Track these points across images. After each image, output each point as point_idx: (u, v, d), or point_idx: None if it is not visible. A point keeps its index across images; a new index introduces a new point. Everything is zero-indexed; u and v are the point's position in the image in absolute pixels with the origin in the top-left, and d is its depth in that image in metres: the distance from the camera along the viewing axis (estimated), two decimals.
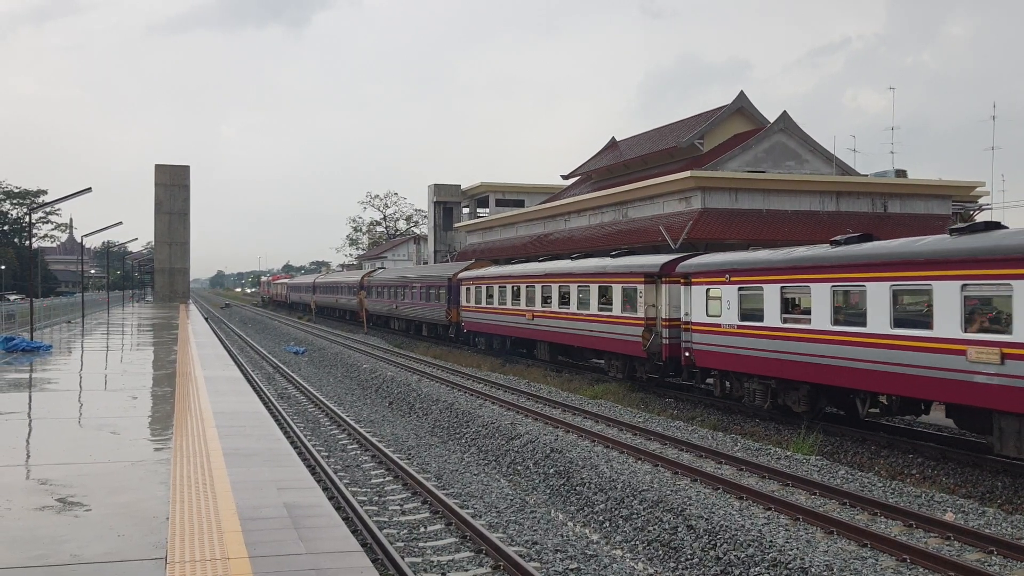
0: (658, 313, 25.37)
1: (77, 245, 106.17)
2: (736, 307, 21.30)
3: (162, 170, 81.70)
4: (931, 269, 15.77)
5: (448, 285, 44.60)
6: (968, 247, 15.18)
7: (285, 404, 27.20)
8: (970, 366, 14.84)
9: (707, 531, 12.53)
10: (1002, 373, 14.26)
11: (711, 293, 22.38)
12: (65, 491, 9.60)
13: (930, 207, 43.58)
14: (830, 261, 18.40)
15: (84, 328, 41.68)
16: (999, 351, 14.29)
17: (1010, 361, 14.09)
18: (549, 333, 32.58)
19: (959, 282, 15.08)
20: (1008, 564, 11.03)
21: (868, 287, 17.23)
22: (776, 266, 20.04)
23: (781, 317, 19.72)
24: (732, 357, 21.54)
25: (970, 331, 14.97)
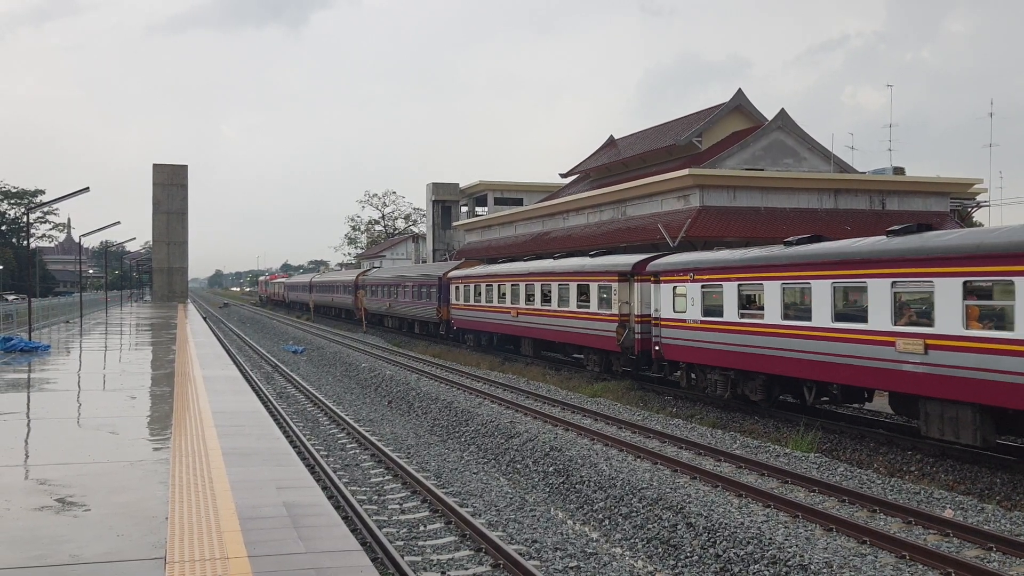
0: (631, 310, 26.96)
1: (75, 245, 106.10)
2: (699, 303, 22.75)
3: (160, 169, 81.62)
4: (866, 268, 17.21)
5: (438, 284, 45.89)
6: (898, 248, 16.65)
7: (284, 403, 27.20)
8: (899, 356, 16.36)
9: (706, 528, 12.53)
10: (926, 362, 15.83)
11: (677, 291, 23.87)
12: (64, 491, 9.59)
13: (928, 204, 43.60)
14: (781, 260, 19.79)
15: (82, 328, 41.66)
16: (923, 342, 15.82)
17: (932, 351, 15.63)
18: (533, 330, 34.11)
19: (890, 280, 16.63)
20: (1007, 560, 11.04)
21: (813, 284, 18.66)
22: (734, 265, 21.46)
23: (739, 313, 21.16)
24: (696, 350, 23.00)
25: (899, 324, 16.49)
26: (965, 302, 15.16)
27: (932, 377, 15.72)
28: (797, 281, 19.30)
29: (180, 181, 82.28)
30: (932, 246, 15.91)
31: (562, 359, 34.61)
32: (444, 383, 29.12)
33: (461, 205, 74.76)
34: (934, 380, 15.70)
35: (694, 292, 23.00)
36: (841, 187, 42.30)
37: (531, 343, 35.46)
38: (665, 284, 24.53)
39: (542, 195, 65.49)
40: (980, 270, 14.98)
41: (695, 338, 22.94)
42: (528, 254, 44.36)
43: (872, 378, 17.29)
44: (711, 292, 22.35)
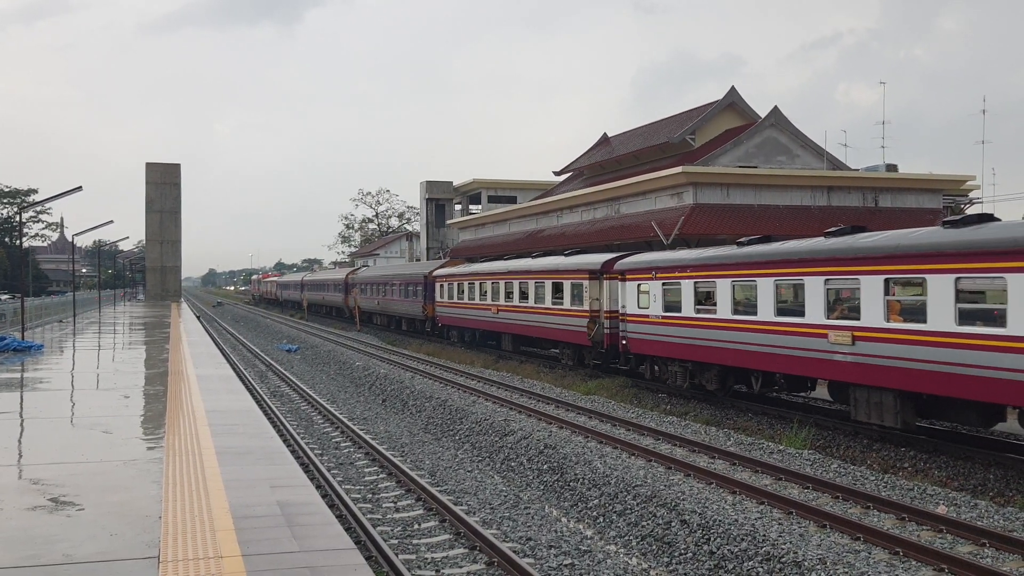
0: (601, 306, 28.40)
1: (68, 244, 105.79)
2: (660, 300, 24.22)
3: (153, 168, 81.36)
4: (804, 267, 18.76)
5: (424, 282, 47.32)
6: (830, 248, 18.17)
7: (278, 402, 27.17)
8: (831, 347, 17.88)
9: (701, 525, 12.55)
10: (853, 352, 17.35)
11: (641, 288, 25.34)
12: (57, 491, 9.57)
13: (921, 201, 43.69)
14: (731, 260, 21.31)
15: (76, 327, 41.55)
16: (851, 334, 17.31)
17: (859, 342, 17.17)
18: (512, 325, 35.63)
19: (823, 277, 18.19)
20: (1000, 556, 11.08)
21: (758, 282, 20.19)
22: (690, 264, 23.02)
23: (695, 308, 22.64)
24: (658, 344, 24.49)
25: (831, 318, 17.99)
26: (886, 297, 16.69)
27: (859, 366, 17.23)
28: (745, 279, 20.70)
29: (173, 180, 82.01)
30: (859, 246, 17.33)
31: (541, 354, 35.92)
32: (438, 381, 29.11)
33: (455, 203, 74.72)
34: (860, 369, 17.21)
35: (656, 289, 24.44)
36: (834, 184, 42.36)
37: (511, 339, 37.06)
38: (630, 282, 25.97)
39: (536, 193, 65.49)
40: (899, 268, 16.46)
41: (657, 332, 24.36)
42: (522, 252, 44.46)
43: (809, 368, 18.79)
44: (671, 289, 23.80)
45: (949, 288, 15.23)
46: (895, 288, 16.74)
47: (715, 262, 21.90)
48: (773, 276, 19.72)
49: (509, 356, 36.43)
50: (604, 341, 28.11)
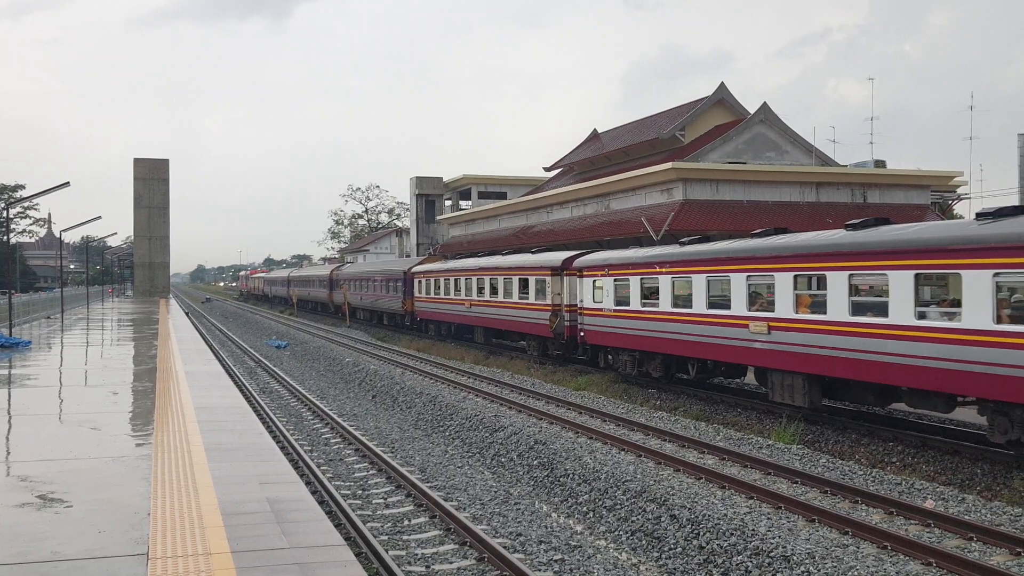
0: (562, 301, 30.42)
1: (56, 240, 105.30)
2: (612, 295, 26.26)
3: (141, 164, 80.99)
4: (730, 265, 20.77)
5: (403, 278, 49.26)
6: (751, 248, 20.24)
7: (267, 399, 27.12)
8: (752, 336, 19.94)
9: (690, 520, 12.59)
10: (769, 340, 19.40)
11: (596, 284, 27.40)
12: (45, 488, 9.53)
13: (909, 197, 43.85)
14: (671, 258, 23.31)
15: (64, 324, 41.38)
16: (767, 324, 19.40)
17: (774, 331, 19.26)
18: (483, 319, 37.72)
19: (745, 274, 20.21)
20: (987, 550, 11.14)
21: (693, 278, 22.25)
22: (637, 262, 25.01)
23: (641, 303, 24.59)
24: (610, 335, 26.45)
25: (752, 310, 20.10)
26: (795, 292, 18.85)
27: (774, 352, 19.38)
28: (683, 275, 22.73)
29: (161, 175, 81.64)
30: (773, 246, 19.53)
31: (511, 345, 37.87)
32: (428, 377, 29.10)
33: (445, 199, 74.66)
34: (776, 355, 19.36)
35: (608, 285, 26.54)
36: (823, 180, 42.48)
37: (482, 331, 39.28)
38: (587, 278, 28.09)
39: (526, 189, 65.50)
40: (805, 266, 18.65)
41: (609, 324, 26.40)
42: (512, 248, 44.58)
43: (735, 355, 20.87)
44: (621, 285, 25.86)
45: (844, 283, 17.36)
46: (803, 282, 18.92)
47: (658, 260, 23.95)
48: (705, 273, 21.80)
49: (499, 352, 36.46)
50: (565, 333, 30.13)
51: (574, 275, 29.38)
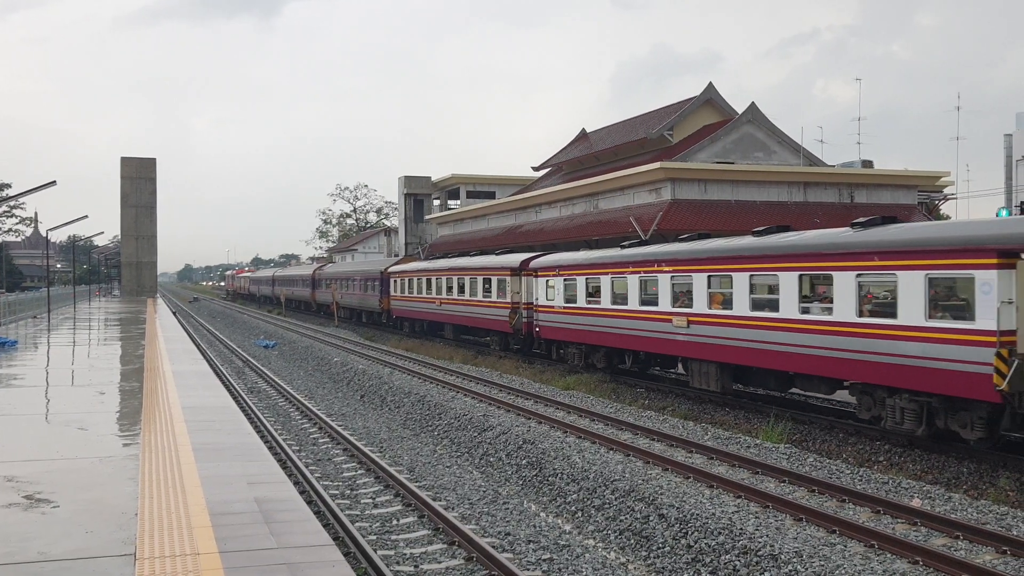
0: (520, 299, 32.76)
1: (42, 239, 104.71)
2: (562, 293, 28.81)
3: (128, 163, 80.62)
4: (658, 266, 23.35)
5: (380, 278, 51.47)
6: (674, 251, 23.00)
7: (255, 398, 27.05)
8: (675, 329, 22.45)
9: (678, 520, 12.62)
10: (689, 333, 21.93)
11: (549, 283, 29.88)
12: (32, 488, 9.48)
13: (896, 197, 44.03)
14: (610, 260, 26.03)
15: (50, 323, 41.18)
16: (687, 319, 21.92)
17: (692, 325, 21.75)
18: (453, 316, 39.98)
19: (670, 275, 22.76)
20: (973, 548, 11.20)
21: (628, 278, 24.77)
22: (583, 263, 27.77)
23: (586, 300, 27.17)
24: (561, 330, 29.18)
25: (675, 307, 22.51)
26: (709, 290, 21.25)
27: (693, 344, 21.87)
28: (620, 276, 25.25)
29: (149, 175, 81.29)
30: (691, 250, 22.19)
31: (479, 340, 39.61)
32: (417, 377, 29.08)
33: (433, 198, 74.57)
34: (694, 346, 21.86)
35: (559, 285, 29.04)
36: (810, 180, 42.62)
37: (452, 328, 41.77)
38: (541, 278, 30.64)
39: (515, 188, 65.49)
40: (716, 268, 21.10)
41: (560, 320, 29.10)
42: (500, 247, 44.66)
43: (662, 347, 23.44)
44: (569, 284, 28.38)
45: (746, 283, 19.90)
46: (715, 282, 21.18)
47: (600, 262, 26.66)
48: (638, 274, 24.38)
49: (487, 352, 36.47)
50: (523, 328, 32.59)
51: (531, 275, 31.84)
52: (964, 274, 14.91)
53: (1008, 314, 14.16)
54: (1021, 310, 14.22)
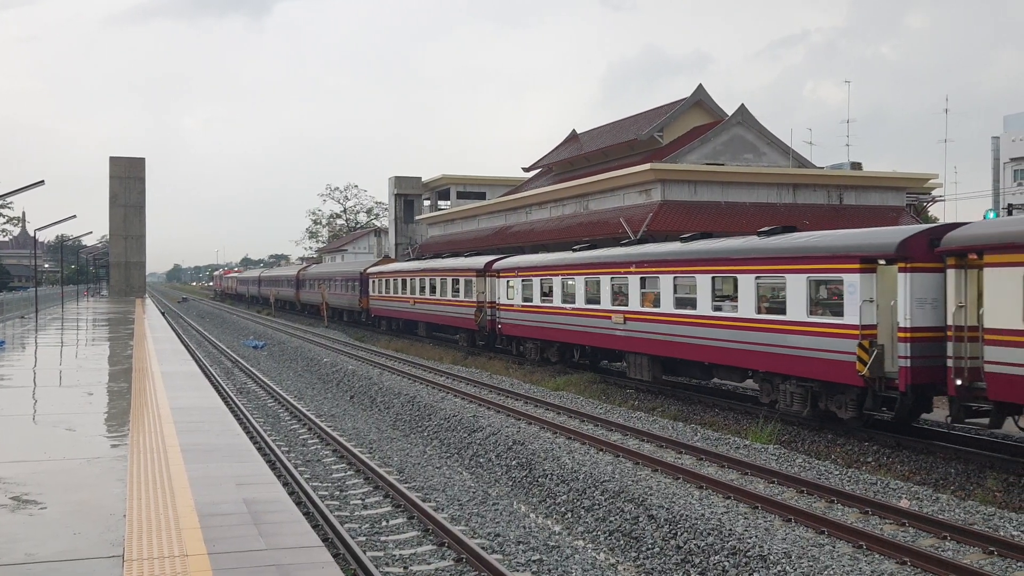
0: (485, 298, 34.84)
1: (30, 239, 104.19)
2: (520, 293, 31.32)
3: (117, 162, 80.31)
4: (601, 269, 25.86)
5: (360, 278, 53.43)
6: (613, 255, 25.62)
7: (244, 399, 26.98)
8: (614, 325, 24.89)
9: (668, 520, 12.64)
10: (626, 329, 24.35)
11: (509, 284, 32.34)
12: (19, 489, 9.44)
13: (885, 199, 44.21)
14: (561, 262, 28.75)
15: (38, 323, 41.00)
16: (624, 316, 24.33)
17: (629, 322, 24.15)
18: (425, 315, 42.27)
19: (610, 276, 25.30)
20: (961, 549, 11.25)
21: (576, 279, 27.47)
22: (539, 266, 30.40)
23: (541, 299, 29.70)
24: (519, 327, 31.74)
25: (614, 305, 24.93)
26: (642, 290, 23.60)
27: (629, 338, 24.30)
28: (569, 277, 27.92)
29: (138, 174, 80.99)
30: (627, 253, 24.81)
31: (450, 338, 41.72)
32: (406, 377, 29.05)
33: (424, 199, 74.54)
34: (630, 340, 24.27)
35: (518, 285, 31.52)
36: (800, 182, 42.75)
37: (424, 325, 44.01)
38: (502, 279, 32.99)
39: (505, 189, 65.50)
40: (646, 270, 23.49)
41: (519, 318, 31.59)
42: (491, 248, 44.75)
43: (603, 341, 25.90)
44: (527, 285, 30.89)
45: (671, 284, 22.31)
46: (646, 283, 23.49)
47: (552, 264, 29.32)
48: (584, 275, 26.91)
49: (478, 353, 36.49)
50: (487, 326, 34.71)
51: (494, 276, 34.05)
52: (835, 277, 17.32)
53: (869, 311, 16.46)
54: (880, 307, 16.46)
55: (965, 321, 14.90)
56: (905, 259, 15.96)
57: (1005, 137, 76.77)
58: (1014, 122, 77.21)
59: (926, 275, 15.84)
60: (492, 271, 34.14)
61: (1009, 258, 14.01)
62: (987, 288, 14.43)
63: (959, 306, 15.00)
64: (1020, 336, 13.73)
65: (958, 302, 15.02)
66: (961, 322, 14.95)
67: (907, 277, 15.89)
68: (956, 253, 15.11)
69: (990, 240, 14.54)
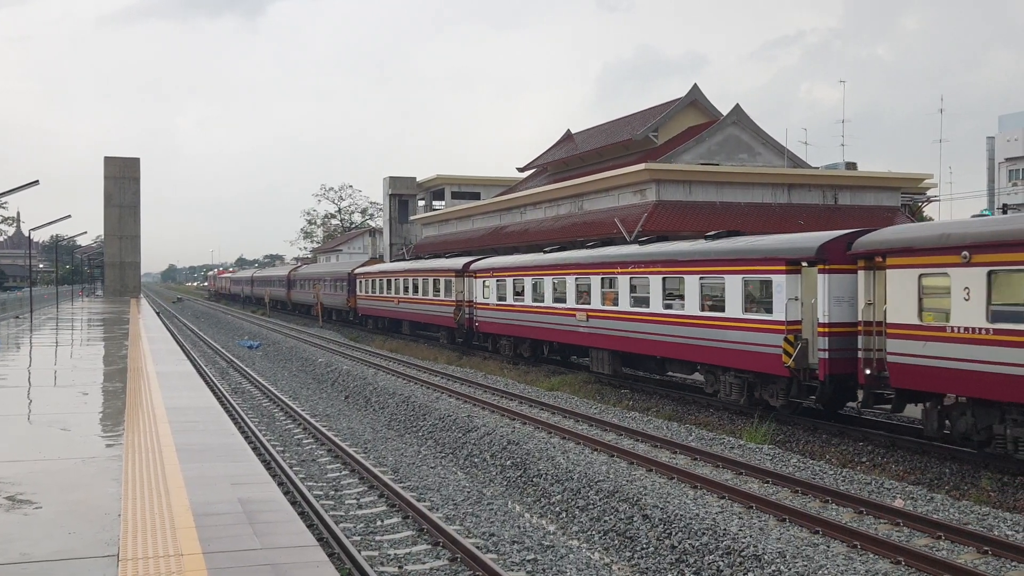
0: (463, 297, 36.57)
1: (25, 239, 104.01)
2: (495, 293, 33.41)
3: (112, 162, 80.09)
4: (566, 270, 28.00)
5: (348, 278, 55.45)
6: (578, 257, 27.67)
7: (239, 399, 26.95)
8: (578, 322, 26.90)
9: (662, 520, 12.65)
10: (589, 326, 26.28)
11: (485, 284, 34.29)
12: (14, 489, 9.42)
13: (880, 199, 44.27)
14: (532, 264, 30.71)
15: (32, 323, 40.91)
16: (587, 314, 26.36)
17: (591, 319, 26.10)
18: (408, 313, 44.22)
19: (575, 276, 27.32)
20: (955, 548, 11.28)
21: (544, 280, 29.36)
22: (511, 266, 32.46)
23: (513, 298, 31.65)
24: (494, 324, 33.64)
25: (579, 304, 26.98)
26: (603, 290, 25.48)
27: (592, 335, 26.19)
28: (539, 277, 29.76)
29: (132, 174, 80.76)
30: (590, 255, 26.87)
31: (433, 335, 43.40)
32: (401, 377, 29.04)
33: (418, 199, 74.47)
34: (592, 336, 26.21)
35: (493, 285, 33.54)
36: (795, 182, 42.79)
37: (408, 324, 46.10)
38: (479, 279, 34.89)
39: (500, 189, 65.46)
40: (607, 271, 25.44)
41: (494, 316, 33.56)
42: (485, 248, 44.81)
43: (569, 337, 27.82)
44: (501, 285, 32.85)
45: (627, 284, 24.15)
46: (606, 283, 25.34)
47: (524, 266, 31.24)
48: (551, 276, 28.89)
49: (472, 353, 36.50)
50: (465, 324, 36.52)
51: (471, 277, 35.82)
52: (766, 278, 19.05)
53: (794, 308, 18.28)
54: (804, 305, 18.19)
55: (873, 317, 16.70)
56: (824, 261, 17.66)
57: (1000, 137, 77.00)
58: (1009, 122, 77.47)
59: (843, 276, 17.52)
60: (470, 272, 35.85)
61: (906, 261, 15.75)
62: (889, 287, 16.16)
63: (868, 303, 16.82)
64: (915, 330, 15.47)
65: (867, 300, 16.84)
66: (870, 318, 16.75)
67: (826, 278, 17.61)
68: (865, 256, 16.87)
69: (891, 245, 16.20)
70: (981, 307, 14.32)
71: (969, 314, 14.51)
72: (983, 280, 14.32)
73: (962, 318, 14.62)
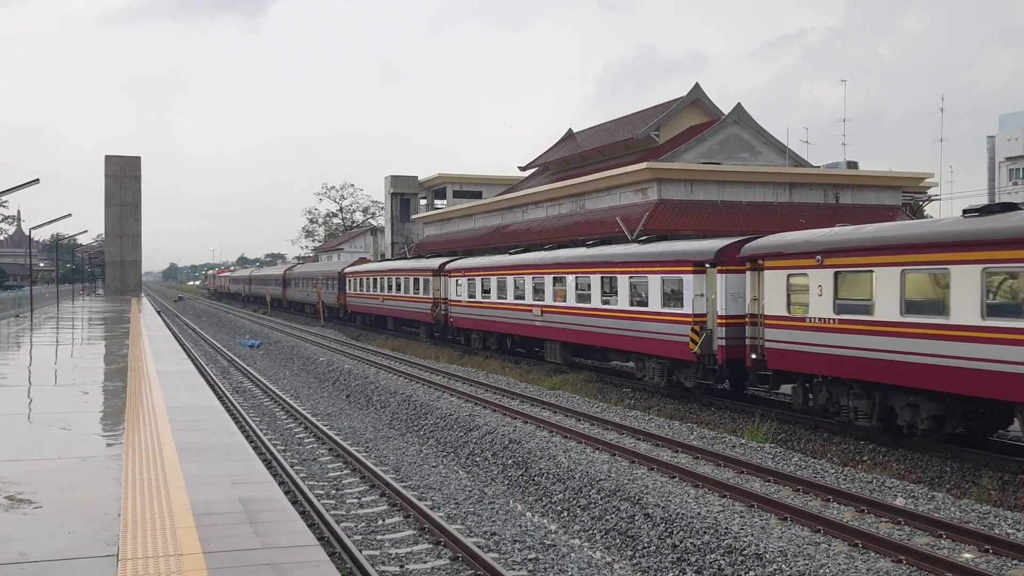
0: (440, 295, 39.34)
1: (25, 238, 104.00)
2: (466, 291, 36.03)
3: (112, 161, 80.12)
4: (526, 270, 30.86)
5: (339, 277, 58.25)
6: (534, 258, 31.10)
7: (240, 398, 26.94)
8: (534, 317, 29.73)
9: (664, 519, 12.63)
10: (543, 320, 29.13)
11: (458, 282, 37.03)
12: (14, 488, 9.41)
13: (881, 198, 44.22)
14: (498, 264, 33.41)
15: (33, 322, 40.92)
16: (541, 309, 29.17)
17: (545, 314, 29.00)
18: (392, 310, 47.14)
19: (531, 276, 30.30)
20: (956, 547, 11.25)
21: (507, 279, 32.21)
22: (480, 267, 35.05)
23: (482, 295, 34.32)
24: (467, 320, 36.38)
25: (535, 300, 29.77)
26: (555, 288, 28.51)
27: (546, 328, 29.18)
28: (503, 277, 32.49)
29: (133, 173, 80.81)
30: (544, 256, 30.35)
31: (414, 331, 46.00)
32: (403, 376, 29.02)
33: (420, 198, 74.45)
34: (547, 330, 29.20)
35: (465, 283, 36.25)
36: (796, 181, 42.75)
37: (392, 320, 48.70)
38: (453, 278, 37.60)
39: (501, 188, 65.43)
40: (557, 271, 28.54)
41: (466, 313, 36.33)
42: (487, 247, 44.87)
43: (529, 331, 30.67)
44: (471, 284, 35.58)
45: (573, 282, 27.28)
46: (557, 282, 28.38)
47: (491, 266, 33.95)
48: (513, 275, 31.71)
49: (474, 352, 36.48)
50: (442, 319, 39.30)
51: (447, 276, 38.44)
52: (678, 277, 22.21)
53: (700, 303, 21.40)
54: (708, 300, 21.26)
55: (757, 311, 19.77)
56: (722, 263, 20.89)
57: (1001, 136, 76.89)
58: (1009, 121, 77.35)
59: (738, 275, 20.55)
60: (445, 272, 38.74)
61: (778, 263, 18.89)
62: (767, 285, 19.26)
63: (753, 299, 19.96)
64: (785, 321, 18.59)
65: (752, 296, 19.99)
66: (755, 311, 19.91)
67: (723, 277, 20.88)
68: (751, 259, 19.93)
69: (768, 250, 19.35)
70: (829, 301, 17.39)
71: (822, 307, 17.59)
72: (831, 279, 17.38)
73: (817, 310, 17.71)
